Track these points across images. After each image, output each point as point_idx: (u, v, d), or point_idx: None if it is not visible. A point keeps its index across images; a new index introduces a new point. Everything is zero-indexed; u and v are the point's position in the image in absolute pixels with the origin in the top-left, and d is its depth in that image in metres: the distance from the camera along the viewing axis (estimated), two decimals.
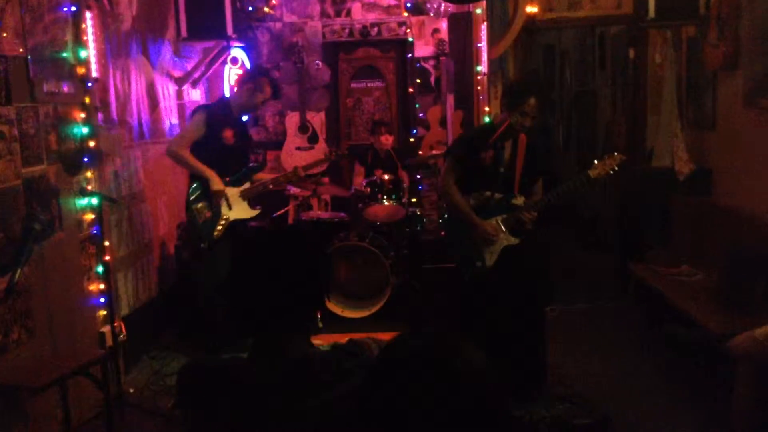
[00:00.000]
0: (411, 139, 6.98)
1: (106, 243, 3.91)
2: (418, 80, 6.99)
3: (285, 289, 1.69)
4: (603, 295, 5.48)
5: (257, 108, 4.63)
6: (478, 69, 6.41)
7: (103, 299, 3.88)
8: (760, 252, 3.86)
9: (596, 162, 3.70)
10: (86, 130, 3.85)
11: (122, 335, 4.03)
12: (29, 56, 3.35)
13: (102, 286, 3.88)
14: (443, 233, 4.95)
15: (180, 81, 5.75)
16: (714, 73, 4.80)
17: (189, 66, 5.89)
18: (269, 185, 4.60)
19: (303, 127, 6.81)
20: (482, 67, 6.18)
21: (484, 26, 5.85)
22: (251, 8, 6.82)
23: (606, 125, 7.34)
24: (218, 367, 1.86)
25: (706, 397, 3.59)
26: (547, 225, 3.97)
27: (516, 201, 3.80)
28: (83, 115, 3.84)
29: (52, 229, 3.49)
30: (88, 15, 3.97)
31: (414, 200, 6.22)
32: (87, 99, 3.88)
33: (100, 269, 3.88)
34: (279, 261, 1.72)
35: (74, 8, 3.76)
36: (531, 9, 5.30)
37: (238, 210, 4.44)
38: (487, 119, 5.58)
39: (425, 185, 6.84)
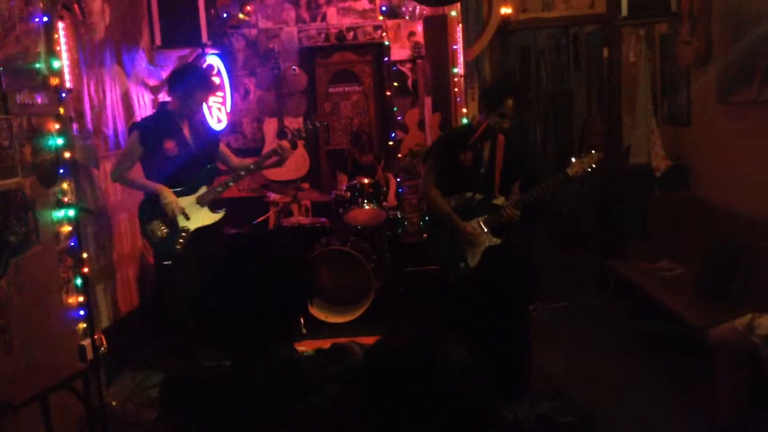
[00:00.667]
0: (390, 143, 6.99)
1: (84, 255, 3.86)
2: (396, 83, 7.01)
3: (267, 296, 1.68)
4: (584, 293, 5.52)
5: (194, 109, 4.26)
6: (455, 71, 6.44)
7: (83, 312, 3.83)
8: (737, 244, 3.91)
9: (574, 160, 3.73)
10: (61, 141, 3.80)
11: (103, 348, 3.98)
12: (1, 68, 3.31)
13: (81, 299, 3.83)
14: (425, 235, 4.96)
15: (155, 89, 5.71)
16: (687, 70, 4.86)
17: (164, 74, 5.85)
18: (229, 182, 4.27)
19: (281, 133, 6.79)
20: (459, 69, 6.21)
21: (460, 28, 5.87)
22: (226, 15, 6.80)
23: (582, 124, 7.39)
24: (200, 378, 1.85)
25: (689, 391, 3.62)
26: (528, 224, 3.99)
27: (497, 201, 3.82)
28: (58, 126, 3.79)
29: (29, 242, 3.44)
30: (61, 25, 3.92)
31: (395, 203, 6.22)
32: (61, 110, 3.83)
33: (79, 282, 3.83)
34: (259, 268, 1.71)
35: (46, 18, 3.71)
36: (505, 10, 5.33)
37: (198, 218, 4.19)
38: (465, 121, 5.60)
39: (406, 188, 6.85)
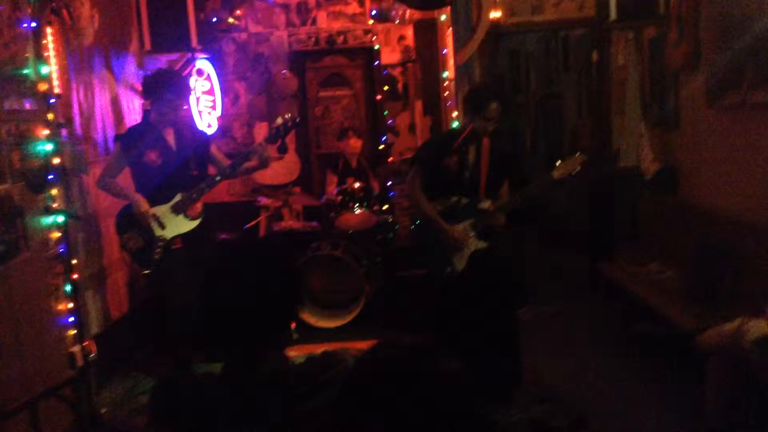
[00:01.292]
0: (380, 146, 6.99)
1: (74, 261, 3.84)
2: (386, 87, 7.01)
3: (257, 303, 1.68)
4: (575, 295, 5.54)
5: (172, 116, 4.16)
6: (445, 75, 6.46)
7: (72, 318, 3.81)
8: (726, 247, 3.93)
9: (559, 163, 3.74)
10: (50, 147, 3.77)
11: (93, 355, 3.96)
12: None
13: (71, 305, 3.81)
14: (413, 239, 4.96)
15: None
16: (676, 73, 4.88)
17: None
18: (204, 189, 4.12)
19: (271, 137, 6.77)
20: (449, 73, 6.22)
21: (449, 32, 5.89)
22: (216, 19, 6.78)
23: (572, 127, 7.42)
24: (192, 384, 1.84)
25: (680, 394, 3.63)
26: (517, 226, 4.00)
27: (483, 205, 3.82)
28: (46, 132, 3.76)
29: (17, 249, 3.42)
30: (49, 31, 3.91)
31: (385, 207, 6.22)
32: (50, 115, 3.80)
33: (68, 288, 3.81)
34: (249, 274, 1.71)
35: (35, 24, 3.69)
36: (495, 14, 5.34)
37: (173, 226, 4.12)
38: (456, 124, 5.61)
39: (396, 192, 6.86)
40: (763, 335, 2.64)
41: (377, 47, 6.95)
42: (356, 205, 5.52)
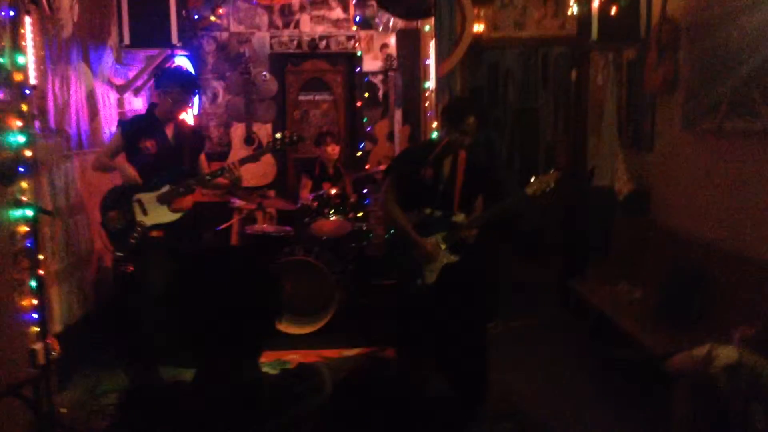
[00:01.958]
0: (358, 153, 6.98)
1: (41, 256, 3.75)
2: (366, 94, 7.00)
3: (235, 312, 1.65)
4: (544, 311, 5.57)
5: (175, 113, 4.28)
6: (426, 85, 6.47)
7: (36, 315, 3.71)
8: (696, 271, 3.98)
9: (534, 179, 3.74)
10: (22, 139, 3.68)
11: (55, 352, 3.86)
12: None
13: (35, 302, 3.71)
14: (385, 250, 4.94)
15: (121, 89, 5.60)
16: (653, 96, 4.95)
17: (131, 74, 5.75)
18: (192, 185, 4.22)
19: (249, 139, 6.73)
20: (430, 83, 6.24)
21: (432, 43, 5.90)
22: (197, 17, 6.71)
23: (548, 144, 7.49)
24: (161, 393, 1.80)
25: (647, 416, 3.65)
26: (488, 241, 3.99)
27: (456, 218, 3.81)
28: (19, 124, 3.67)
29: None
30: (28, 20, 3.82)
31: (360, 215, 6.20)
32: (24, 107, 3.72)
33: (33, 284, 3.71)
34: (230, 281, 1.67)
35: (12, 12, 3.60)
36: (478, 27, 5.37)
37: (155, 215, 4.18)
38: (435, 135, 5.62)
39: (372, 200, 6.84)
40: (733, 362, 2.67)
41: (359, 54, 6.95)
42: (331, 212, 5.49)
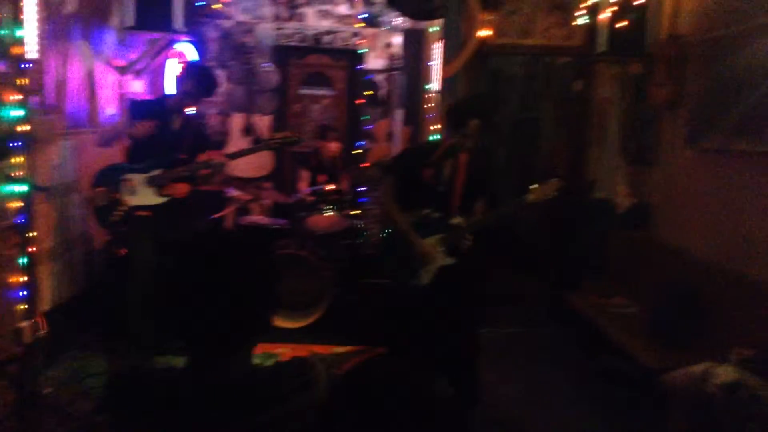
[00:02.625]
0: (357, 151, 6.93)
1: (33, 233, 3.68)
2: (369, 92, 6.96)
3: (232, 301, 1.60)
4: (537, 321, 5.54)
5: (187, 107, 4.38)
6: (429, 87, 6.43)
7: (25, 292, 3.65)
8: (693, 288, 3.96)
9: (534, 187, 3.70)
10: (18, 114, 3.62)
11: (43, 331, 3.80)
12: None
13: (24, 279, 3.65)
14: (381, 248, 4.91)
15: (122, 70, 5.53)
16: (657, 112, 4.93)
17: (133, 56, 5.68)
18: (183, 172, 4.26)
19: (248, 130, 6.67)
20: (432, 86, 6.20)
21: (438, 45, 5.86)
22: (202, 2, 6.65)
23: (547, 153, 7.46)
24: (151, 379, 1.74)
25: (640, 428, 3.63)
26: (485, 246, 3.96)
27: (454, 221, 3.78)
28: (16, 98, 3.61)
29: None
30: None
31: (356, 212, 6.15)
32: (21, 81, 3.65)
33: (24, 261, 3.65)
34: (229, 269, 1.62)
35: None
36: (485, 32, 5.34)
37: (142, 196, 4.23)
38: (436, 137, 5.58)
39: (369, 198, 6.80)
40: (731, 380, 2.64)
41: (363, 51, 6.90)
42: (327, 207, 5.44)
